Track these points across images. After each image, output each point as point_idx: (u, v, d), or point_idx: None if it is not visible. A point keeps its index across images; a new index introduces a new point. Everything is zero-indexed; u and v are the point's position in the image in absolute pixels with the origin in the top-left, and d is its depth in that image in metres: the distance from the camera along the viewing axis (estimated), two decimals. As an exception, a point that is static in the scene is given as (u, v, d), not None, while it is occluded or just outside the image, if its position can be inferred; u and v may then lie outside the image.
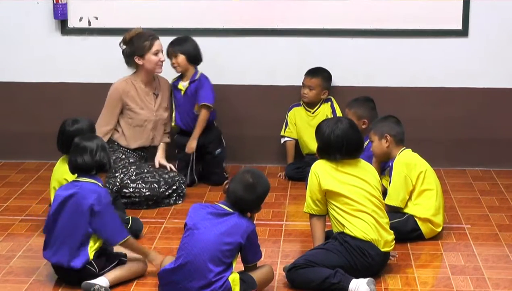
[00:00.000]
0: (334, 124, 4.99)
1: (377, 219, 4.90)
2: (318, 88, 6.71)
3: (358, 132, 5.06)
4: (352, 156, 4.99)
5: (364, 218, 4.87)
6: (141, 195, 6.07)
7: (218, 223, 4.57)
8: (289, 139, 6.87)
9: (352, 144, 4.97)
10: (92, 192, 4.78)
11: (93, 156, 4.84)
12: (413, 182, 5.51)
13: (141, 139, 6.32)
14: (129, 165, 6.19)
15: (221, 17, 6.88)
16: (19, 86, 7.09)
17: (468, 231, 5.68)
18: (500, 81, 6.84)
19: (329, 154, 4.98)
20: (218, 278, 4.49)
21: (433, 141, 6.87)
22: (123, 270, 4.86)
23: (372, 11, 6.78)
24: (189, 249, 4.54)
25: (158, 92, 6.41)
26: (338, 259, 4.82)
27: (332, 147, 4.96)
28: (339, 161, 4.96)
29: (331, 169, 4.96)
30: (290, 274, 4.83)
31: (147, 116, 6.31)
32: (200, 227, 4.57)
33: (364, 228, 4.86)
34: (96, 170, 4.88)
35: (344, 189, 4.90)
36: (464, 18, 6.74)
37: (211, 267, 4.49)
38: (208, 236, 4.53)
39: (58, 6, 6.85)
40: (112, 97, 6.24)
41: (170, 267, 4.60)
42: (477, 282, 4.90)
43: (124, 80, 6.28)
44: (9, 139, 7.17)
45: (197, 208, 4.69)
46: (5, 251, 5.33)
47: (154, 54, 6.21)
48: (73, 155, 4.90)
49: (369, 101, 6.34)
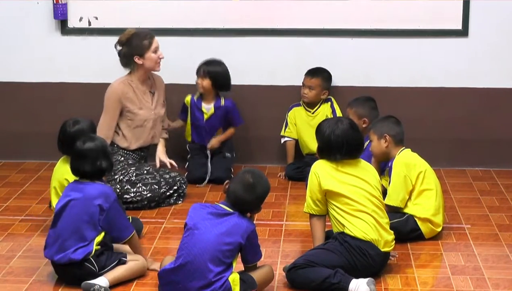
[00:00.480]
0: (334, 125, 4.99)
1: (377, 219, 4.90)
2: (318, 88, 6.71)
3: (358, 133, 5.05)
4: (352, 156, 4.99)
5: (364, 218, 4.87)
6: (142, 198, 6.07)
7: (218, 223, 4.57)
8: (289, 140, 6.87)
9: (352, 144, 4.97)
10: (99, 191, 4.81)
11: (95, 164, 4.86)
12: (412, 181, 5.51)
13: (141, 139, 6.31)
14: (128, 167, 6.18)
15: (221, 17, 6.88)
16: (19, 86, 7.09)
17: (468, 231, 5.68)
18: (500, 81, 6.84)
19: (329, 154, 4.98)
20: (218, 278, 4.49)
21: (433, 141, 6.87)
22: (123, 269, 4.86)
23: (372, 11, 6.78)
24: (189, 249, 4.54)
25: (154, 90, 6.39)
26: (338, 259, 4.82)
27: (332, 147, 4.95)
28: (339, 161, 4.96)
29: (331, 169, 4.96)
30: (290, 274, 4.83)
31: (146, 115, 6.30)
32: (200, 227, 4.57)
33: (364, 228, 4.86)
34: (98, 176, 4.90)
35: (344, 189, 4.90)
36: (464, 18, 6.74)
37: (211, 267, 4.49)
38: (208, 236, 4.53)
39: (58, 6, 6.86)
40: (112, 100, 6.20)
41: (170, 267, 4.60)
42: (477, 282, 4.90)
43: (121, 81, 6.25)
44: (9, 139, 7.17)
45: (197, 208, 4.70)
46: (5, 251, 5.33)
47: (154, 52, 6.21)
48: (74, 160, 4.91)
49: (370, 100, 6.33)
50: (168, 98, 6.60)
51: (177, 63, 6.91)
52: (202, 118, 6.71)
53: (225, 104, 6.70)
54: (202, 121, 6.71)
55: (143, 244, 5.38)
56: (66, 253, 4.76)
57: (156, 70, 6.31)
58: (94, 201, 4.78)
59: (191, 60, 6.87)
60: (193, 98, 6.74)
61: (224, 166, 6.67)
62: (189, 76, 6.86)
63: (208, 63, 6.65)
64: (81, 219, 4.77)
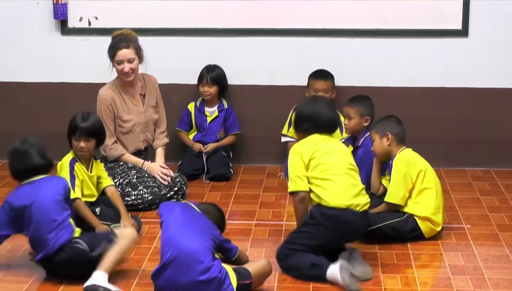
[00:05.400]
0: (309, 100, 5.47)
1: (351, 181, 5.00)
2: (331, 90, 6.72)
3: (333, 110, 5.32)
4: (324, 129, 5.16)
5: (339, 180, 4.97)
6: (143, 201, 6.06)
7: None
8: (292, 140, 6.86)
9: (325, 118, 5.17)
10: (56, 179, 5.05)
11: (45, 156, 5.03)
12: (412, 180, 5.51)
13: (134, 143, 6.29)
14: (128, 170, 6.17)
15: (221, 17, 6.88)
16: (19, 86, 7.09)
17: (468, 231, 5.68)
18: (500, 81, 6.84)
19: (300, 124, 5.22)
20: (213, 264, 4.54)
21: (433, 141, 6.87)
22: (115, 251, 4.82)
23: (372, 11, 6.79)
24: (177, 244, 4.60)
25: (145, 91, 6.32)
26: (321, 237, 4.91)
27: (303, 118, 5.19)
28: (313, 136, 5.13)
29: (309, 144, 5.10)
30: (281, 266, 4.98)
31: (135, 120, 6.23)
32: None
33: (339, 193, 4.94)
34: (47, 169, 5.04)
35: (322, 156, 5.03)
36: (464, 18, 6.74)
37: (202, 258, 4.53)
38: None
39: (58, 6, 6.86)
40: (104, 108, 6.13)
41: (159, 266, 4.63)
42: (477, 282, 4.90)
43: (109, 87, 6.19)
44: (9, 139, 7.13)
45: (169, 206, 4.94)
46: (5, 251, 5.33)
47: (117, 63, 6.09)
48: (23, 159, 5.03)
49: (368, 99, 6.35)
50: (168, 98, 6.60)
51: (177, 63, 6.92)
52: (206, 121, 6.82)
53: (228, 106, 6.85)
54: (205, 123, 6.83)
55: (143, 244, 5.40)
56: (51, 245, 4.79)
57: (124, 80, 6.15)
58: (57, 188, 4.93)
59: (191, 60, 6.89)
60: (196, 104, 6.83)
61: (222, 162, 6.70)
62: (189, 76, 6.88)
63: (209, 70, 6.74)
64: (48, 214, 4.83)
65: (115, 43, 6.09)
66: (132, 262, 5.17)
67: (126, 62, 6.06)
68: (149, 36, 6.77)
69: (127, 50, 6.05)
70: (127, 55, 6.05)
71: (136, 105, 6.26)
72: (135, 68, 6.10)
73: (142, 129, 6.30)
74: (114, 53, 6.06)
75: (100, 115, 6.06)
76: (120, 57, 6.06)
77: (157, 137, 6.43)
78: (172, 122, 6.68)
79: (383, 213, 5.49)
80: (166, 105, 6.49)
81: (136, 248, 5.35)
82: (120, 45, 6.06)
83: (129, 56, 6.06)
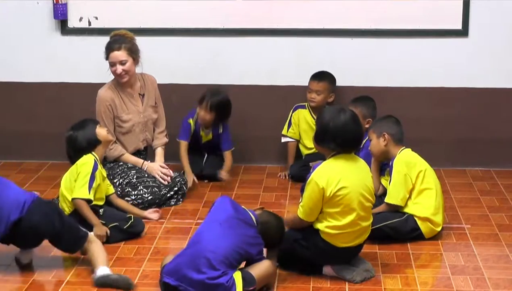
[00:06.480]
0: (336, 113, 4.85)
1: (361, 225, 4.88)
2: (325, 92, 6.70)
3: (359, 126, 4.91)
4: (347, 149, 4.87)
5: (348, 228, 4.84)
6: (143, 201, 6.05)
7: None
8: (292, 141, 6.85)
9: (349, 137, 4.83)
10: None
11: None
12: (413, 180, 5.51)
13: (134, 143, 6.29)
14: (128, 170, 6.17)
15: (221, 17, 6.88)
16: (19, 86, 7.09)
17: (468, 231, 5.68)
18: (500, 81, 6.84)
19: (324, 141, 4.85)
20: (224, 272, 4.53)
21: (433, 141, 6.87)
22: (100, 248, 4.98)
23: (372, 11, 6.78)
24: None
25: (144, 91, 6.31)
26: (313, 256, 4.92)
27: (329, 135, 4.82)
28: (335, 157, 4.85)
29: (333, 180, 4.78)
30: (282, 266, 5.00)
31: (134, 120, 6.23)
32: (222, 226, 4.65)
33: (343, 238, 4.86)
34: None
35: (344, 198, 4.79)
36: (464, 18, 6.74)
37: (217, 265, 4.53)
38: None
39: (58, 6, 6.86)
40: (103, 109, 6.13)
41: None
42: (477, 282, 4.90)
43: (108, 87, 6.19)
44: (9, 140, 7.17)
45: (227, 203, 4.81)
46: (5, 251, 5.33)
47: (111, 65, 6.09)
48: None
49: (372, 100, 6.37)
50: (168, 99, 6.60)
51: (177, 63, 6.91)
52: (201, 140, 6.71)
53: (223, 131, 6.68)
54: (200, 141, 6.70)
55: (143, 244, 5.40)
56: (6, 221, 4.83)
57: (119, 81, 6.14)
58: None
59: (191, 60, 6.89)
60: (194, 121, 6.67)
61: (220, 163, 6.68)
62: (189, 77, 6.88)
63: (213, 93, 6.52)
64: None
65: (108, 45, 6.11)
66: (132, 262, 5.17)
67: (118, 64, 6.06)
68: (149, 36, 6.78)
69: (119, 52, 6.05)
70: (118, 57, 6.05)
71: (135, 105, 6.26)
72: (128, 70, 6.09)
73: (141, 129, 6.30)
74: (107, 55, 6.09)
75: (100, 116, 6.07)
76: (113, 59, 6.06)
77: (157, 137, 6.43)
78: (171, 122, 6.66)
79: (383, 213, 5.50)
80: (165, 105, 6.49)
81: (136, 248, 5.36)
82: (113, 46, 6.07)
83: (121, 58, 6.05)
